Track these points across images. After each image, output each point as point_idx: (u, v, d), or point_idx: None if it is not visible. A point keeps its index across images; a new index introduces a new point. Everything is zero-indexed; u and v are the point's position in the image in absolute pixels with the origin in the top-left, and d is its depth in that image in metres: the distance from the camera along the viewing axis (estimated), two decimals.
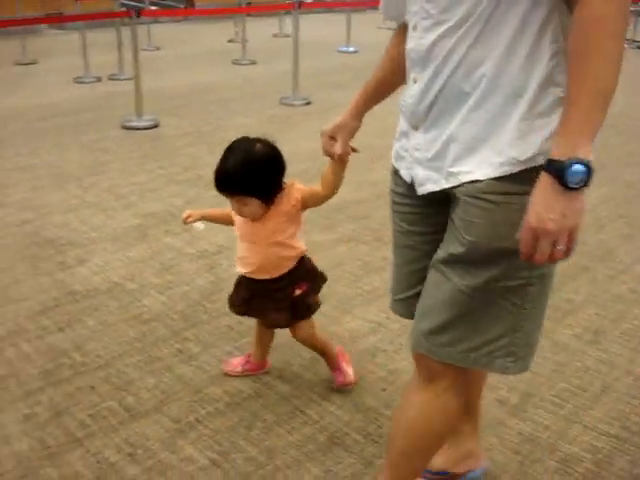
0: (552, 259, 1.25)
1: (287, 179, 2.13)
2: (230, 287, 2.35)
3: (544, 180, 1.22)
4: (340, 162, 1.86)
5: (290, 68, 6.80)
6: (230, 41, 10.81)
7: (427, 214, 1.56)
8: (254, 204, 2.03)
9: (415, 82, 1.43)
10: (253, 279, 2.19)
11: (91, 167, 4.72)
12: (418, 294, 1.59)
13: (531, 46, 1.28)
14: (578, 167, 1.18)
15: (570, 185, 1.18)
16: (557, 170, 1.19)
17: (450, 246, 1.45)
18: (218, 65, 8.93)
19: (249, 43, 9.30)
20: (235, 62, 9.06)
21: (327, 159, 1.89)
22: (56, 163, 4.82)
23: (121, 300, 3.01)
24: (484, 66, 1.30)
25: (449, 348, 1.48)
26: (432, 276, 1.52)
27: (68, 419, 2.28)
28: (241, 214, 2.08)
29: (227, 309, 2.39)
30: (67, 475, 2.06)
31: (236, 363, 2.48)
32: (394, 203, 1.65)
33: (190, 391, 2.43)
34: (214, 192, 2.11)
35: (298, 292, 2.19)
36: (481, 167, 1.35)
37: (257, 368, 2.48)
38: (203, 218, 2.26)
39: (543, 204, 1.22)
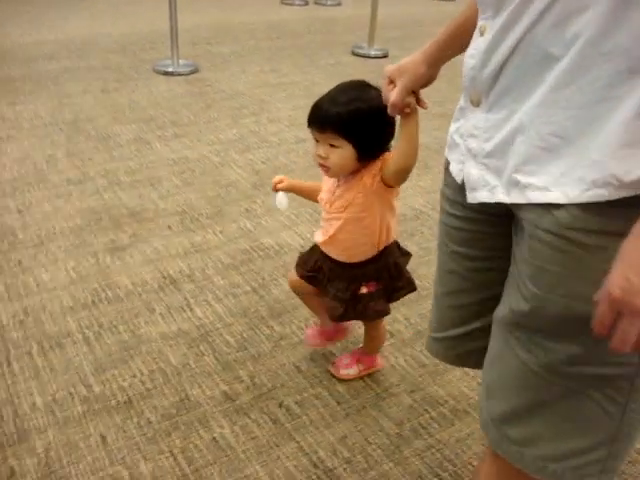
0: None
1: None
2: None
3: None
4: (403, 116, 1.42)
5: None
6: None
7: (483, 233, 1.14)
8: (346, 151, 1.63)
9: (483, 33, 0.98)
10: (325, 253, 1.86)
11: None
12: (461, 336, 1.27)
13: None
14: None
15: None
16: None
17: (511, 297, 1.02)
18: None
19: None
20: None
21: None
22: (303, 83, 4.82)
23: (433, 229, 2.98)
24: (582, 18, 0.82)
25: (521, 448, 1.06)
26: (495, 337, 1.10)
27: None
28: (324, 160, 1.66)
29: None
30: (454, 393, 2.08)
31: (312, 335, 2.16)
32: (442, 211, 1.24)
33: None
34: None
35: (364, 291, 1.82)
36: (563, 183, 0.88)
37: (336, 332, 2.14)
38: (292, 188, 1.89)
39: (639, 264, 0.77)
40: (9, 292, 2.45)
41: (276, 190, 1.88)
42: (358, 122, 1.61)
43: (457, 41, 1.23)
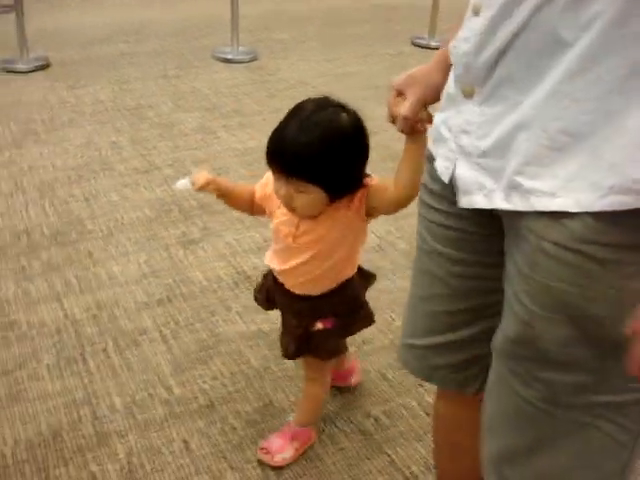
0: None
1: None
2: None
3: None
4: (410, 135, 1.16)
5: None
6: None
7: (474, 233, 1.01)
8: (315, 196, 1.37)
9: (477, 14, 0.86)
10: (277, 282, 1.60)
11: None
12: (434, 346, 1.13)
13: None
14: None
15: None
16: None
17: (505, 322, 0.91)
18: None
19: None
20: None
21: None
22: (365, 74, 4.69)
23: None
24: None
25: None
26: (492, 368, 0.98)
27: None
28: (289, 205, 1.41)
29: None
30: None
31: None
32: (422, 204, 1.10)
33: None
34: None
35: (319, 327, 1.57)
36: (573, 188, 0.77)
37: (342, 377, 1.93)
38: (220, 193, 1.57)
39: None
40: (80, 284, 2.39)
41: (199, 189, 1.52)
42: (330, 164, 1.35)
43: None
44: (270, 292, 1.66)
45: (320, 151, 1.33)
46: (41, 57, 4.49)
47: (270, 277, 1.64)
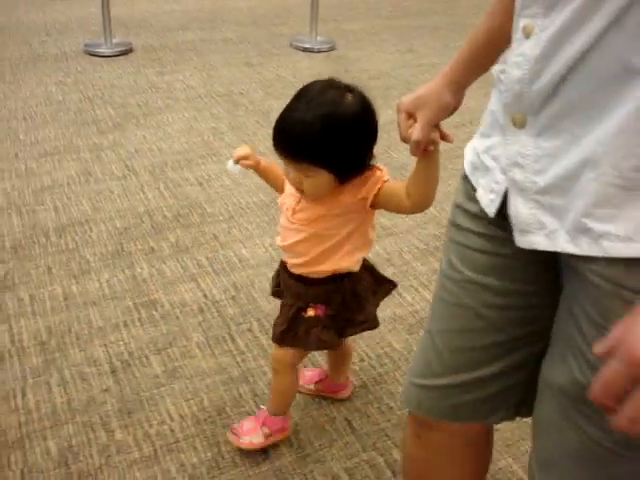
0: None
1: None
2: None
3: None
4: (422, 155, 1.20)
5: None
6: None
7: (518, 259, 0.92)
8: (322, 178, 1.36)
9: (529, 35, 0.77)
10: (283, 262, 1.59)
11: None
12: (467, 382, 1.02)
13: None
14: None
15: None
16: None
17: (573, 366, 0.82)
18: None
19: None
20: None
21: None
22: (443, 66, 4.69)
23: None
24: None
25: None
26: (549, 403, 0.90)
27: None
28: (298, 187, 1.40)
29: None
30: None
31: (309, 378, 1.93)
32: (455, 227, 1.01)
33: None
34: None
35: (310, 313, 1.52)
36: None
37: (334, 390, 1.91)
38: (256, 168, 1.56)
39: None
40: (213, 266, 2.45)
41: (236, 162, 1.53)
42: (337, 147, 1.33)
43: (489, 54, 1.05)
44: (279, 275, 1.64)
45: (323, 132, 1.31)
46: (124, 42, 4.56)
47: (281, 262, 1.64)
